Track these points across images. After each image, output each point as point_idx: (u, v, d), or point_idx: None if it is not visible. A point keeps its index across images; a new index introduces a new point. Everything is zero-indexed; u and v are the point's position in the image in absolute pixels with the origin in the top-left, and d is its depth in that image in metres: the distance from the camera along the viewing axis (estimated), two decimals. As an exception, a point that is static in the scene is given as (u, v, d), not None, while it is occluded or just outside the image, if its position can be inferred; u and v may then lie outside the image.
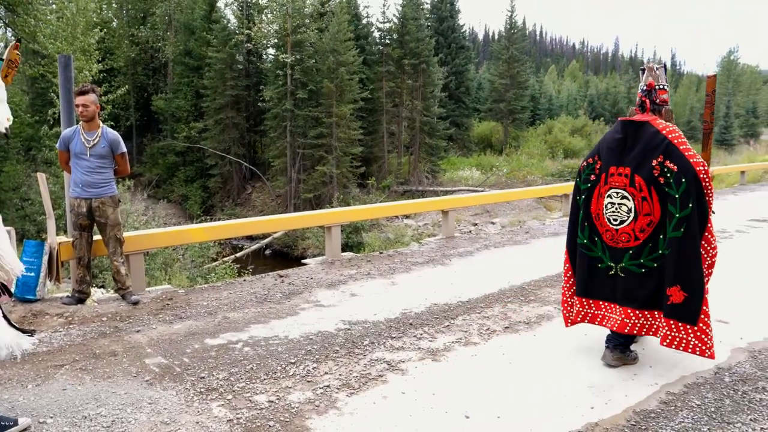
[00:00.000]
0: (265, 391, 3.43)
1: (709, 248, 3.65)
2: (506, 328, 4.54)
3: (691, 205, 3.45)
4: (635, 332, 3.70)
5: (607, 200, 3.72)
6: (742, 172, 17.14)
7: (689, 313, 3.51)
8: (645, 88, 3.82)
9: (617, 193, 3.67)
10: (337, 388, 3.47)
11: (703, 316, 3.52)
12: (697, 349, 3.52)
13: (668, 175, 3.49)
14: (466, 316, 4.82)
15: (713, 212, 3.96)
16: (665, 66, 3.99)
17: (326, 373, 3.70)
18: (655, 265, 3.60)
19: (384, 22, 33.07)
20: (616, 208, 3.68)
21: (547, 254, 7.26)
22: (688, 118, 65.10)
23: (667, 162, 3.49)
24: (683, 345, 3.54)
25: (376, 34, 34.59)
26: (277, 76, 27.84)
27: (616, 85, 66.97)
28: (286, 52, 27.42)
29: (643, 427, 3.07)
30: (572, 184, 12.92)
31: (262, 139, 31.85)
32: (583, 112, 55.18)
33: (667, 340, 3.59)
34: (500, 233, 9.11)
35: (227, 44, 29.53)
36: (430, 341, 4.24)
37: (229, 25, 31.64)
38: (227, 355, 3.95)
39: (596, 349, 4.11)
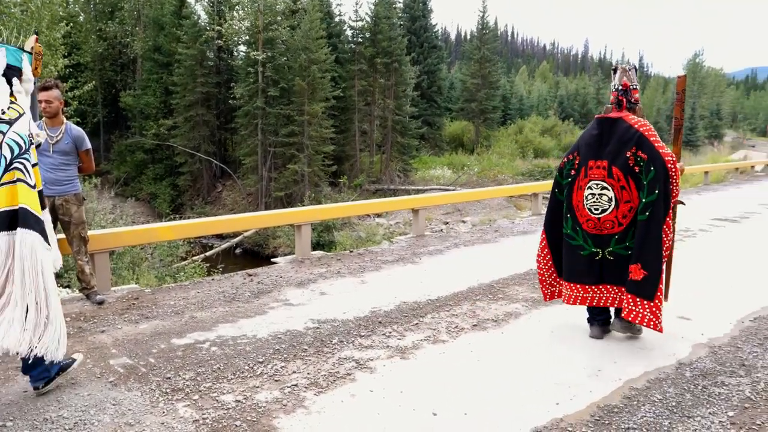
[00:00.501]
0: (232, 390, 3.40)
1: (669, 232, 3.95)
2: (474, 326, 4.57)
3: (657, 191, 3.80)
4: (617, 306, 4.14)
5: (587, 191, 4.06)
6: (706, 173, 17.52)
7: (647, 289, 3.85)
8: (620, 87, 4.11)
9: (597, 184, 4.01)
10: (305, 387, 3.46)
11: (658, 293, 3.86)
12: (651, 323, 3.86)
13: (641, 163, 3.85)
14: (435, 314, 4.84)
15: (683, 203, 4.29)
16: (635, 67, 4.29)
17: (294, 372, 3.68)
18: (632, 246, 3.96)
19: (356, 21, 33.04)
20: (597, 199, 4.02)
21: (516, 253, 7.33)
22: (654, 119, 66.19)
23: (639, 152, 3.85)
24: (639, 318, 3.89)
25: (349, 32, 34.54)
26: (249, 73, 27.59)
27: (585, 86, 67.88)
28: (257, 50, 27.21)
29: (607, 422, 3.12)
30: (542, 183, 13.18)
31: (233, 137, 31.55)
32: (553, 112, 55.86)
33: (625, 312, 3.96)
34: (470, 232, 9.17)
35: (197, 40, 29.17)
36: (399, 339, 4.25)
37: (199, 21, 31.24)
38: (194, 355, 3.91)
39: (562, 346, 4.17)
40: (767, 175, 21.25)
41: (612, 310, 4.37)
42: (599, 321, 4.34)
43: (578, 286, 4.21)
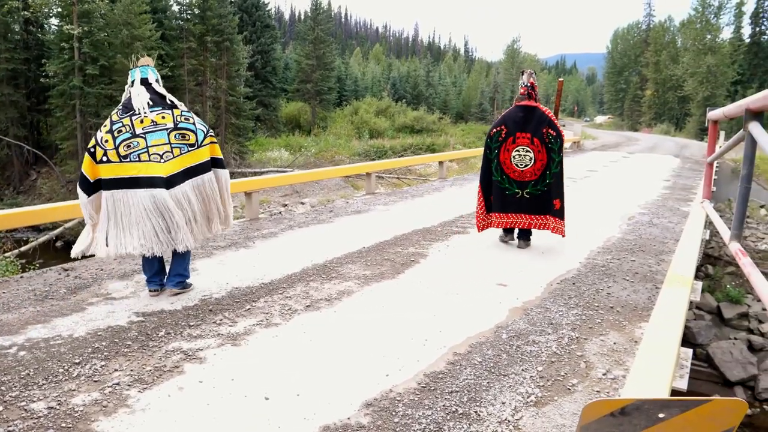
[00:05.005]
0: (44, 397, 3.12)
1: (564, 178, 6.33)
2: (308, 306, 4.58)
3: (561, 154, 6.19)
4: (535, 228, 6.39)
5: (515, 153, 6.22)
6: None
7: (562, 213, 6.25)
8: (529, 85, 6.28)
9: (523, 148, 6.20)
10: (128, 385, 3.26)
11: (565, 215, 6.27)
12: (563, 232, 6.26)
13: (551, 137, 6.14)
14: (268, 297, 4.79)
15: None
16: (534, 72, 6.61)
17: (116, 370, 3.45)
18: (545, 189, 6.23)
19: (183, -4, 31.39)
20: (522, 157, 6.21)
21: (349, 232, 7.46)
22: (479, 100, 70.51)
23: (550, 130, 6.14)
24: (559, 231, 6.25)
25: (175, 7, 32.80)
26: (63, 49, 25.19)
27: (416, 68, 70.51)
28: (71, 23, 24.90)
29: (432, 388, 3.29)
30: (376, 162, 13.59)
31: (48, 119, 28.73)
32: (387, 94, 57.37)
33: (552, 229, 6.28)
34: (305, 213, 9.17)
35: (-1, 11, 26.04)
36: (230, 326, 4.15)
37: (-1, -12, 27.84)
38: (-3, 362, 3.52)
39: (392, 320, 4.32)
40: (574, 152, 23.58)
41: (516, 232, 6.75)
42: (524, 235, 6.59)
43: (505, 214, 6.41)
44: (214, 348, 3.78)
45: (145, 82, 4.67)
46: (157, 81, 4.74)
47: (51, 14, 28.80)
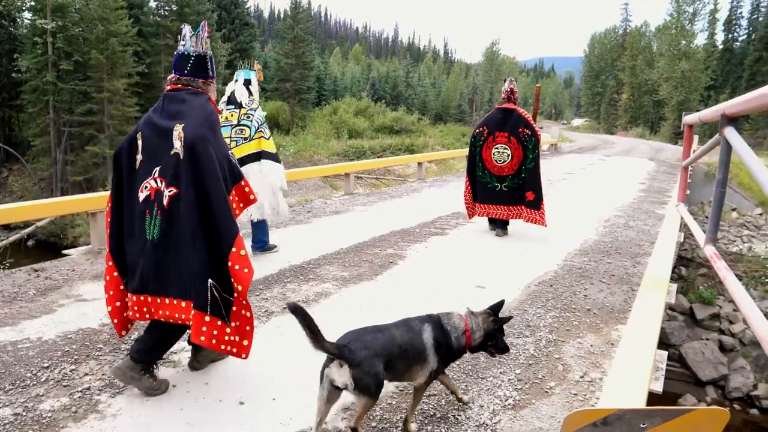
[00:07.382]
0: (10, 403, 3.02)
1: (539, 172, 6.94)
2: (284, 308, 4.52)
3: (537, 151, 6.87)
4: (511, 218, 7.13)
5: (494, 150, 6.99)
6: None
7: (536, 204, 6.88)
8: (509, 90, 7.09)
9: (502, 146, 6.96)
10: (99, 390, 3.19)
11: (541, 205, 6.84)
12: (539, 222, 6.86)
13: (526, 136, 6.84)
14: (245, 299, 4.71)
15: None
16: (515, 79, 7.51)
17: (87, 374, 3.37)
18: (521, 182, 6.93)
19: (160, -8, 31.02)
20: (500, 154, 6.97)
21: (327, 232, 7.41)
22: (458, 102, 70.80)
23: (526, 130, 6.84)
24: (533, 220, 6.88)
25: (153, 4, 32.38)
26: (36, 44, 24.74)
27: (396, 69, 70.54)
28: (45, 17, 24.46)
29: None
30: (355, 163, 13.62)
31: (20, 116, 28.18)
32: (366, 94, 57.26)
33: (526, 219, 6.95)
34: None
35: (-32, 4, 25.50)
36: (206, 329, 4.07)
37: (-30, -19, 27.28)
38: (-38, 366, 3.41)
39: (367, 323, 4.27)
40: (552, 154, 23.73)
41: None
42: (498, 225, 7.34)
43: (487, 205, 7.16)
44: (188, 351, 3.70)
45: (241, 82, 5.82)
46: (248, 82, 5.82)
47: (24, 8, 28.26)
